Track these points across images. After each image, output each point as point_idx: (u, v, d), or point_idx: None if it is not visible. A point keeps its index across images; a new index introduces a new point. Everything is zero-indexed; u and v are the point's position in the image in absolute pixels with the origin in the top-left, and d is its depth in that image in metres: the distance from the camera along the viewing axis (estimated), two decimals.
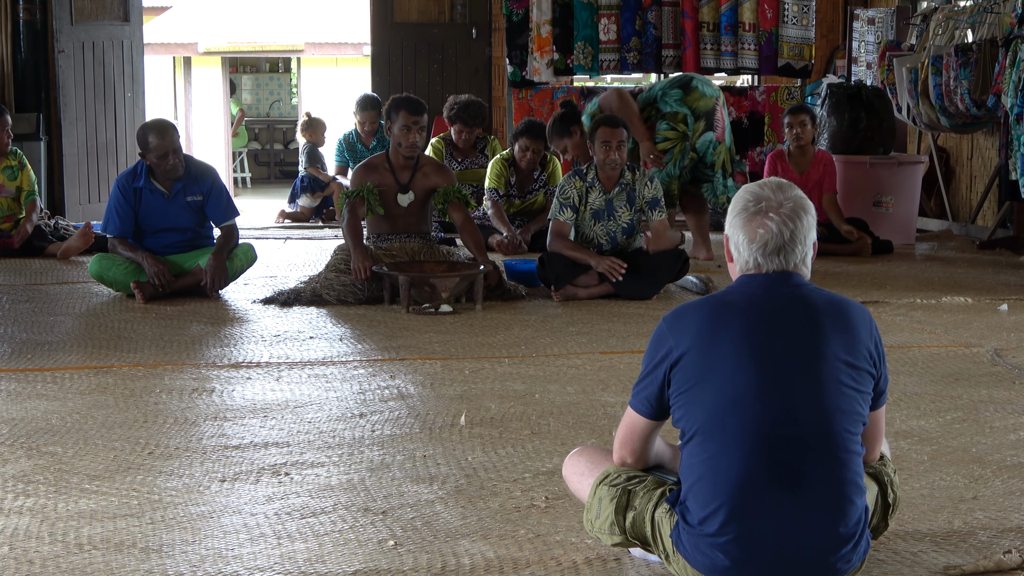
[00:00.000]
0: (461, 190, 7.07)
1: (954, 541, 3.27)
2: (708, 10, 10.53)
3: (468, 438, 4.21)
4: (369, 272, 6.64)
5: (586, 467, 3.12)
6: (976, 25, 8.85)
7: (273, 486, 3.69)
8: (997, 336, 5.93)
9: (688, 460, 2.82)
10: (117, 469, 3.84)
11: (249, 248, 7.12)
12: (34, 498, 3.57)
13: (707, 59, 10.62)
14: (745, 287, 2.86)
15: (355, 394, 4.83)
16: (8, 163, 8.56)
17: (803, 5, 10.57)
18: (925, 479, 3.79)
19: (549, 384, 4.97)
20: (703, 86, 8.39)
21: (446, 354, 5.52)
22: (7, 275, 7.70)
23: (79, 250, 8.35)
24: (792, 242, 2.83)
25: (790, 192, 2.86)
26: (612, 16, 10.50)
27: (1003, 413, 4.57)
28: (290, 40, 18.02)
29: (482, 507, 3.51)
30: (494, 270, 6.82)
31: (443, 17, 11.55)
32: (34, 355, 5.46)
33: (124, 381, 4.98)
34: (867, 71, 10.42)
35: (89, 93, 10.59)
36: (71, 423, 4.36)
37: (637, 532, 2.95)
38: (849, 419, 2.79)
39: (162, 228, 6.90)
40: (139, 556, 3.13)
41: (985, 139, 9.64)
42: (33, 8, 10.32)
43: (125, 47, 10.85)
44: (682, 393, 2.81)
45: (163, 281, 6.73)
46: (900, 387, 4.91)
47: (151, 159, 6.78)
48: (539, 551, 3.18)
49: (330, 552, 3.16)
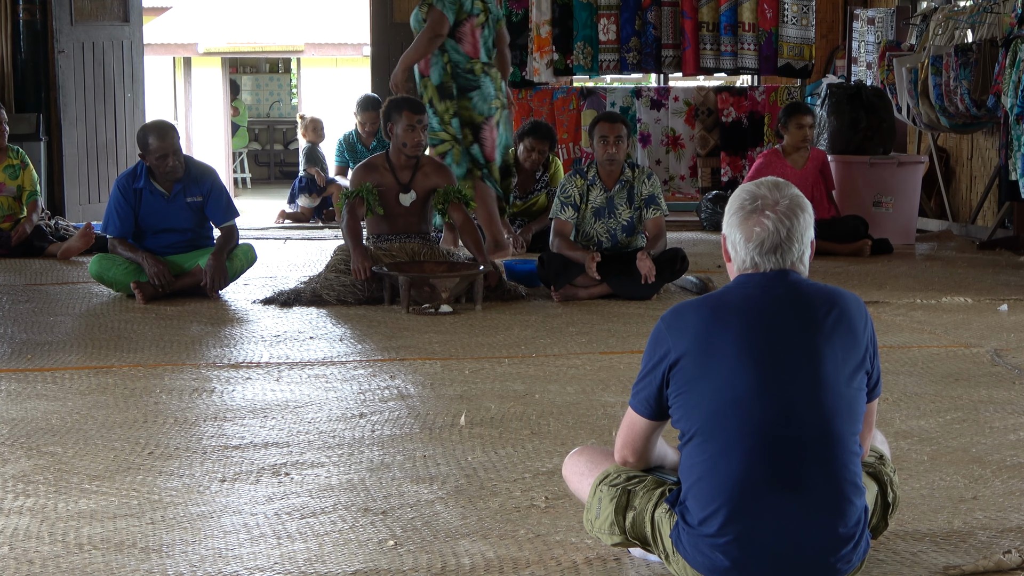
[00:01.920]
0: (461, 190, 7.07)
1: (954, 541, 3.26)
2: (708, 10, 10.54)
3: (468, 438, 4.21)
4: (369, 272, 6.64)
5: (586, 467, 3.12)
6: (976, 25, 8.85)
7: (273, 486, 3.69)
8: (997, 336, 5.92)
9: (687, 461, 2.82)
10: (117, 469, 3.84)
11: (249, 248, 7.12)
12: (34, 498, 3.57)
13: (706, 59, 10.63)
14: (743, 287, 2.85)
15: (355, 394, 4.83)
16: (10, 161, 8.56)
17: (803, 5, 10.58)
18: (925, 479, 3.79)
19: (549, 384, 4.97)
20: (482, 102, 8.10)
21: (446, 354, 5.52)
22: (7, 275, 7.71)
23: (79, 250, 8.35)
24: (789, 240, 2.83)
25: (787, 190, 2.86)
26: (612, 16, 10.51)
27: (1003, 413, 4.57)
28: (290, 41, 18.03)
29: (482, 507, 3.51)
30: (494, 270, 6.82)
31: None
32: (34, 355, 5.46)
33: (124, 381, 4.99)
34: (867, 71, 10.42)
35: (89, 93, 10.59)
36: (71, 423, 4.36)
37: (637, 532, 2.95)
38: (848, 419, 2.79)
39: (162, 229, 6.91)
40: (139, 556, 3.13)
41: (985, 139, 9.64)
42: (33, 8, 10.32)
43: (125, 47, 10.86)
44: (681, 394, 2.81)
45: (163, 281, 6.73)
46: (900, 387, 4.91)
47: (151, 160, 6.79)
48: (539, 551, 3.18)
49: (330, 552, 3.16)
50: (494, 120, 8.24)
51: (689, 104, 10.72)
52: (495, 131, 8.25)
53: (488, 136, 8.22)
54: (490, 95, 8.20)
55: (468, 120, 8.18)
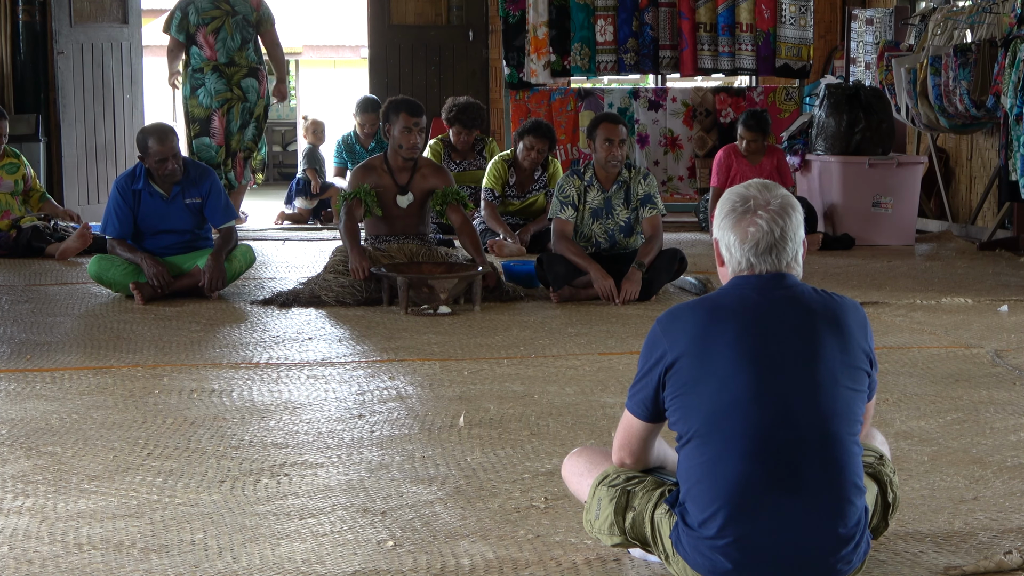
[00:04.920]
0: (459, 192, 7.07)
1: (955, 542, 3.26)
2: (705, 11, 10.54)
3: (467, 439, 4.20)
4: (368, 272, 6.63)
5: (585, 467, 3.12)
6: (975, 25, 8.86)
7: (272, 486, 3.69)
8: (997, 337, 5.92)
9: (686, 463, 2.82)
10: (116, 469, 3.84)
11: (248, 249, 7.12)
12: (33, 498, 3.57)
13: (704, 60, 10.63)
14: (738, 289, 2.85)
15: (354, 395, 4.82)
16: (9, 160, 8.59)
17: (801, 5, 10.58)
18: (925, 480, 3.79)
19: (548, 385, 4.96)
20: (205, 96, 9.66)
21: (445, 355, 5.51)
22: (6, 276, 7.70)
23: (77, 251, 8.35)
24: (783, 239, 2.82)
25: (776, 190, 2.85)
26: (609, 17, 10.51)
27: (1003, 414, 4.57)
28: (288, 42, 17.97)
29: (481, 508, 3.51)
30: (492, 271, 6.82)
31: (440, 19, 11.56)
32: (33, 356, 5.46)
33: (123, 382, 4.98)
34: (865, 71, 10.42)
35: (88, 95, 10.58)
36: (70, 423, 4.35)
37: (637, 533, 2.94)
38: (847, 420, 2.79)
39: (161, 230, 6.91)
40: (138, 556, 3.13)
41: (984, 140, 9.64)
42: (32, 10, 10.32)
43: (124, 49, 10.85)
44: (677, 396, 2.81)
45: (162, 282, 6.73)
46: (900, 388, 4.91)
47: (150, 163, 6.79)
48: (539, 552, 3.18)
49: (329, 553, 3.16)
50: (218, 112, 9.74)
51: (687, 105, 10.71)
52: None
53: (215, 127, 9.60)
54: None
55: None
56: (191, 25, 9.73)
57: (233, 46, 9.72)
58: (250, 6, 9.82)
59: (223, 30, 9.69)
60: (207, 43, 9.72)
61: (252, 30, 9.83)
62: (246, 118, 9.93)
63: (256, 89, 9.92)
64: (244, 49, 9.78)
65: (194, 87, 9.82)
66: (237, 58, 9.77)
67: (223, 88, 9.78)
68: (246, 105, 9.88)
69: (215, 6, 9.73)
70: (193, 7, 9.74)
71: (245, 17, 9.78)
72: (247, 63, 9.82)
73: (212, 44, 9.71)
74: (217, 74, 9.74)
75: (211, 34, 9.71)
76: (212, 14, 9.72)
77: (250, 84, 9.87)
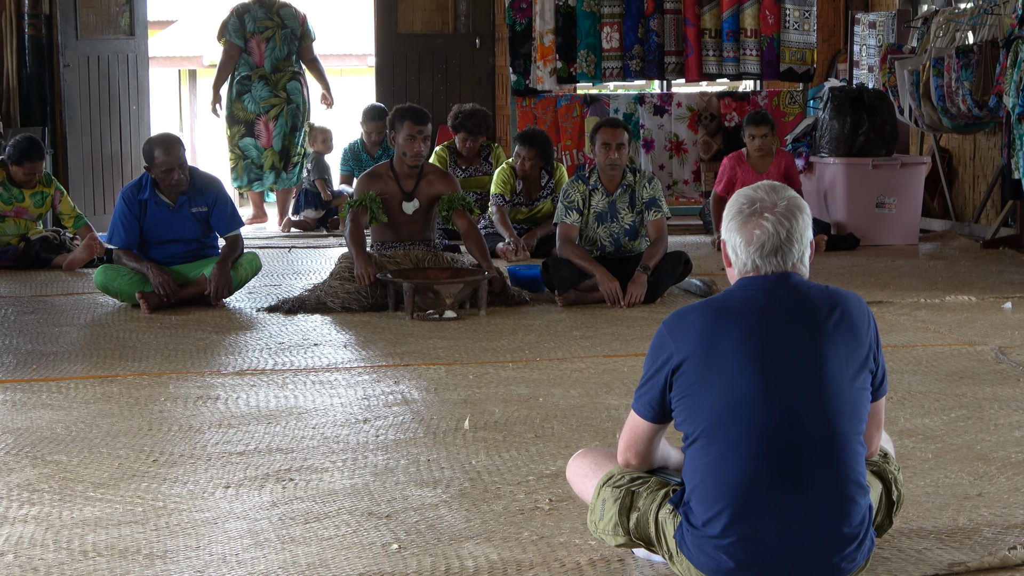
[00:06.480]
0: (465, 197, 7.08)
1: (959, 538, 3.26)
2: (710, 17, 10.55)
3: (472, 442, 4.21)
4: (373, 277, 6.64)
5: (590, 469, 3.12)
6: (977, 27, 8.86)
7: (277, 491, 3.70)
8: (1001, 334, 5.92)
9: (691, 463, 2.82)
10: (122, 477, 3.85)
11: (254, 257, 7.13)
12: (39, 506, 3.58)
13: (709, 65, 10.64)
14: (745, 290, 2.86)
15: (359, 400, 4.83)
16: (41, 188, 8.62)
17: (804, 10, 10.59)
18: (930, 477, 3.79)
19: (553, 388, 4.97)
20: (251, 103, 10.21)
21: (450, 359, 5.52)
22: (13, 287, 7.72)
23: (84, 262, 8.36)
24: (789, 241, 2.83)
25: (784, 192, 2.86)
26: (615, 24, 10.52)
27: (1007, 411, 4.57)
28: None
29: (486, 510, 3.52)
30: (498, 276, 6.83)
31: (447, 28, 11.56)
32: (39, 365, 5.47)
33: (129, 390, 4.99)
34: (868, 74, 10.42)
35: (94, 107, 10.61)
36: (76, 432, 4.37)
37: (641, 533, 2.95)
38: (852, 419, 2.79)
39: (167, 239, 6.92)
40: (143, 562, 3.14)
41: (987, 139, 9.64)
42: (38, 23, 10.35)
43: (130, 61, 10.87)
44: (684, 397, 2.81)
45: (168, 291, 6.74)
46: (904, 386, 4.91)
47: (156, 173, 6.81)
48: (543, 553, 3.19)
49: (334, 556, 3.17)
50: (263, 118, 10.19)
51: (692, 110, 10.72)
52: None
53: (260, 130, 10.11)
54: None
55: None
56: (247, 32, 10.23)
57: (280, 56, 10.26)
58: (297, 21, 10.37)
59: (273, 40, 10.24)
60: (258, 50, 10.23)
61: (296, 43, 10.35)
62: (295, 120, 10.41)
63: (300, 92, 10.41)
64: (288, 60, 10.33)
65: (240, 92, 10.30)
66: (282, 66, 10.30)
67: (268, 95, 10.27)
68: (291, 107, 10.35)
69: (268, 17, 10.26)
70: (249, 16, 10.24)
71: (292, 31, 10.33)
72: (291, 70, 10.34)
73: (263, 52, 10.23)
74: (263, 82, 10.25)
75: (263, 42, 10.24)
76: (266, 24, 10.25)
77: (295, 87, 10.35)
